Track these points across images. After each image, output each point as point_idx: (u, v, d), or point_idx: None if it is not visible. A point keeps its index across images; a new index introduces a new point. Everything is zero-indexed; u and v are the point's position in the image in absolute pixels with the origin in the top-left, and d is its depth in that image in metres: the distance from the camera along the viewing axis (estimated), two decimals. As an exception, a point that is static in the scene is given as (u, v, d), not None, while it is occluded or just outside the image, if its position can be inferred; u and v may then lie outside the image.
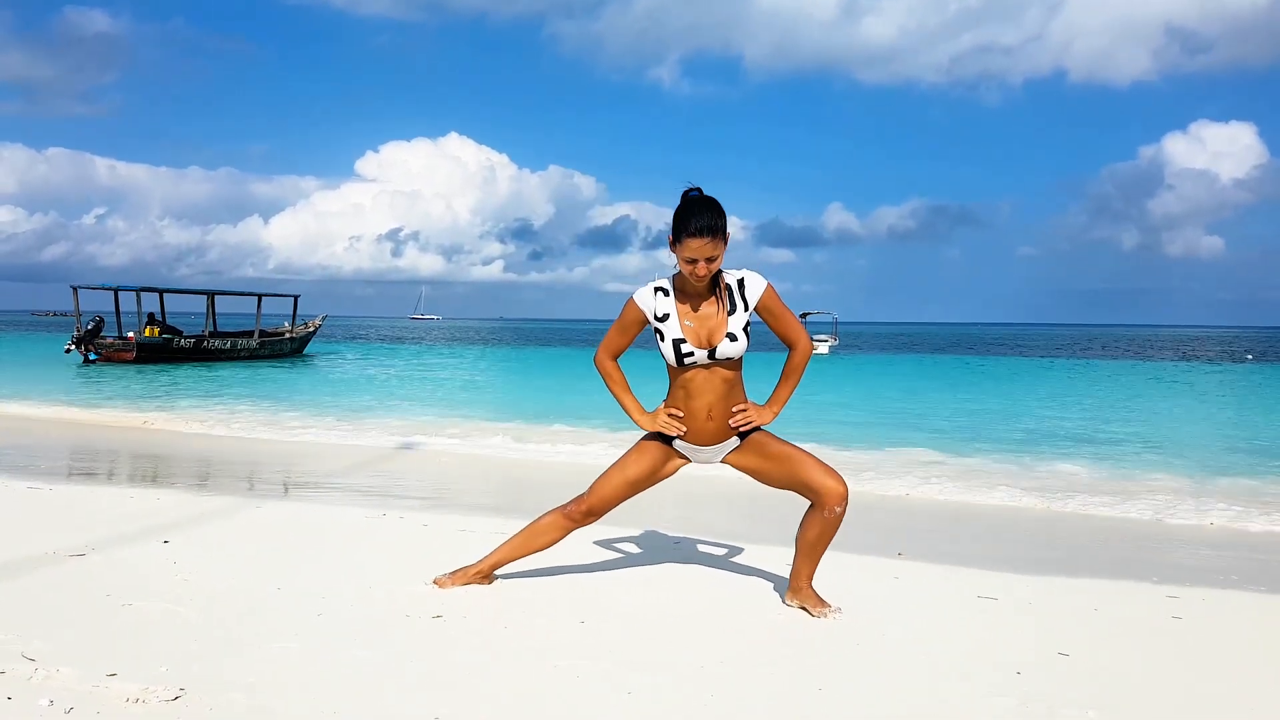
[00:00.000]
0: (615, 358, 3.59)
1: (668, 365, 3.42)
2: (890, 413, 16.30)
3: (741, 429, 3.47)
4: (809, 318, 48.37)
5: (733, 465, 3.56)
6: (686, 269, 3.27)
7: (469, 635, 3.13)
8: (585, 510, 3.62)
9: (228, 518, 5.28)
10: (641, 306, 3.41)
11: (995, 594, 4.03)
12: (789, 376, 3.50)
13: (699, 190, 3.30)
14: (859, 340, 70.40)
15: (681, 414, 3.46)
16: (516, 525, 5.15)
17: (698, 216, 3.22)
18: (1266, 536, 6.38)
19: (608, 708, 2.56)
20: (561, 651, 2.99)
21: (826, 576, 4.05)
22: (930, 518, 6.82)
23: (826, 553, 4.76)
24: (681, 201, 3.28)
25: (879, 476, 8.81)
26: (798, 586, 3.59)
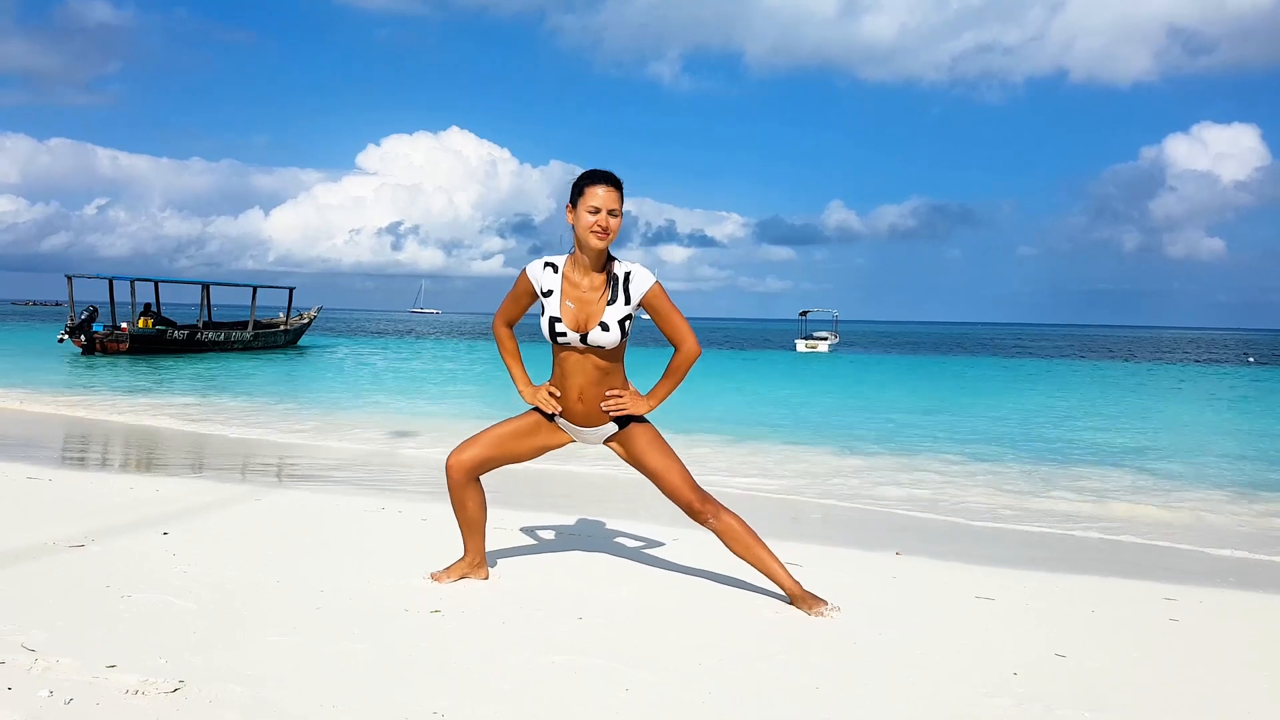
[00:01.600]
0: (510, 325, 3.64)
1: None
2: (888, 413, 16.30)
3: (614, 414, 3.47)
4: (809, 315, 48.32)
5: (618, 453, 3.59)
6: (588, 221, 3.28)
7: (467, 630, 3.14)
8: (454, 455, 3.57)
9: (227, 509, 5.28)
10: (531, 278, 3.45)
11: (993, 594, 4.03)
12: (669, 375, 3.48)
13: None
14: (859, 339, 70.43)
15: (558, 393, 3.49)
16: (515, 518, 5.18)
17: (598, 172, 3.33)
18: (1263, 538, 6.39)
19: (606, 704, 2.56)
20: (560, 647, 3.00)
21: (824, 575, 4.06)
22: (928, 518, 6.82)
23: (823, 549, 4.76)
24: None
25: (878, 476, 8.83)
26: (789, 594, 3.60)
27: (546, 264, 3.44)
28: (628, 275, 3.37)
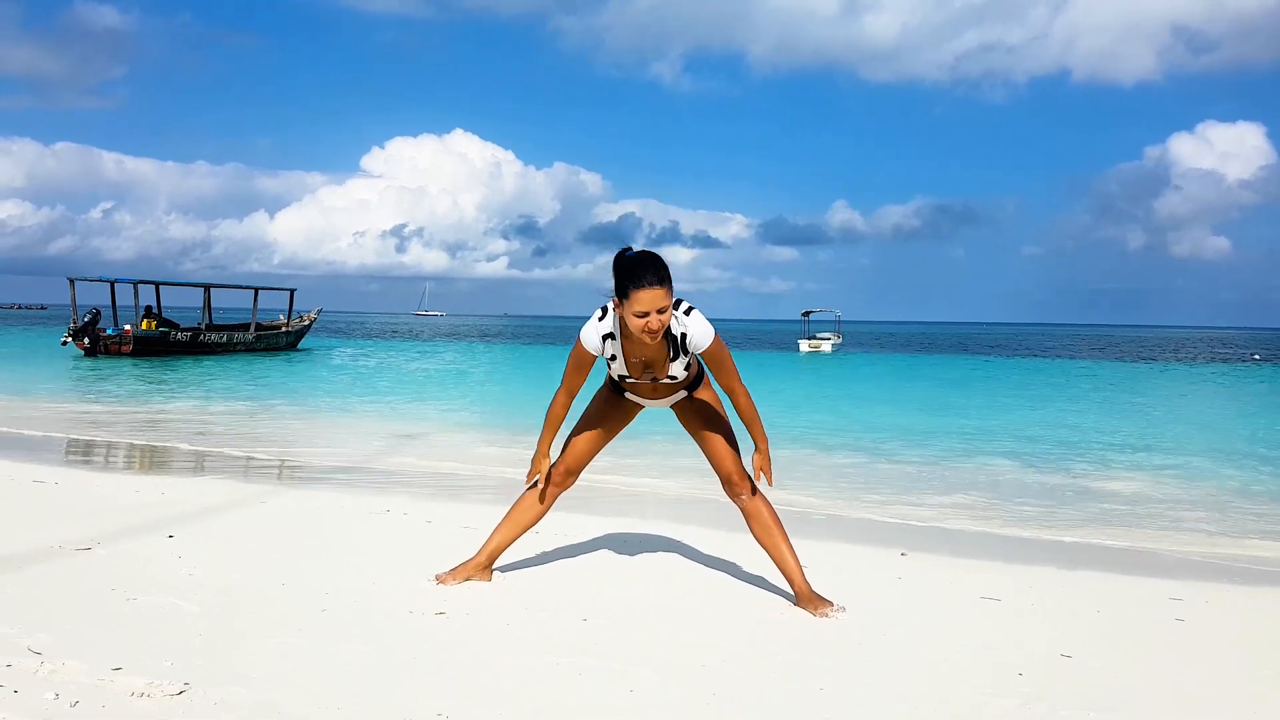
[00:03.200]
0: (573, 395, 3.55)
1: None
2: (891, 413, 16.28)
3: (694, 391, 3.62)
4: (812, 316, 48.30)
5: (676, 415, 3.72)
6: (637, 324, 3.21)
7: (472, 631, 3.14)
8: (564, 470, 3.74)
9: (232, 512, 5.29)
10: (590, 351, 3.42)
11: (998, 595, 4.03)
12: (751, 422, 3.56)
13: (631, 248, 3.29)
14: (862, 339, 70.31)
15: (540, 476, 3.68)
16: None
17: (645, 268, 3.19)
18: (1269, 537, 6.37)
19: (610, 705, 2.57)
20: (564, 648, 3.00)
21: (830, 576, 4.06)
22: (934, 518, 6.81)
23: (829, 547, 4.75)
24: (620, 260, 3.24)
25: (883, 476, 8.82)
26: (797, 591, 3.61)
27: (605, 336, 3.40)
28: (684, 336, 3.35)
